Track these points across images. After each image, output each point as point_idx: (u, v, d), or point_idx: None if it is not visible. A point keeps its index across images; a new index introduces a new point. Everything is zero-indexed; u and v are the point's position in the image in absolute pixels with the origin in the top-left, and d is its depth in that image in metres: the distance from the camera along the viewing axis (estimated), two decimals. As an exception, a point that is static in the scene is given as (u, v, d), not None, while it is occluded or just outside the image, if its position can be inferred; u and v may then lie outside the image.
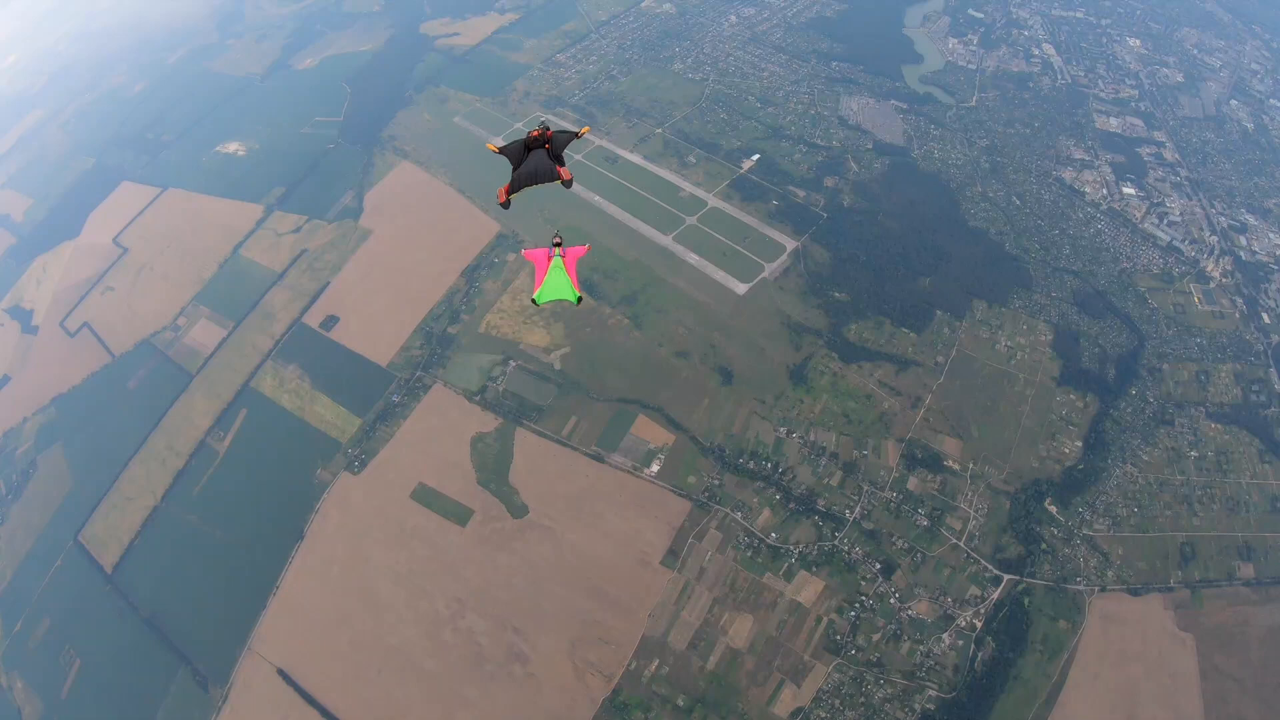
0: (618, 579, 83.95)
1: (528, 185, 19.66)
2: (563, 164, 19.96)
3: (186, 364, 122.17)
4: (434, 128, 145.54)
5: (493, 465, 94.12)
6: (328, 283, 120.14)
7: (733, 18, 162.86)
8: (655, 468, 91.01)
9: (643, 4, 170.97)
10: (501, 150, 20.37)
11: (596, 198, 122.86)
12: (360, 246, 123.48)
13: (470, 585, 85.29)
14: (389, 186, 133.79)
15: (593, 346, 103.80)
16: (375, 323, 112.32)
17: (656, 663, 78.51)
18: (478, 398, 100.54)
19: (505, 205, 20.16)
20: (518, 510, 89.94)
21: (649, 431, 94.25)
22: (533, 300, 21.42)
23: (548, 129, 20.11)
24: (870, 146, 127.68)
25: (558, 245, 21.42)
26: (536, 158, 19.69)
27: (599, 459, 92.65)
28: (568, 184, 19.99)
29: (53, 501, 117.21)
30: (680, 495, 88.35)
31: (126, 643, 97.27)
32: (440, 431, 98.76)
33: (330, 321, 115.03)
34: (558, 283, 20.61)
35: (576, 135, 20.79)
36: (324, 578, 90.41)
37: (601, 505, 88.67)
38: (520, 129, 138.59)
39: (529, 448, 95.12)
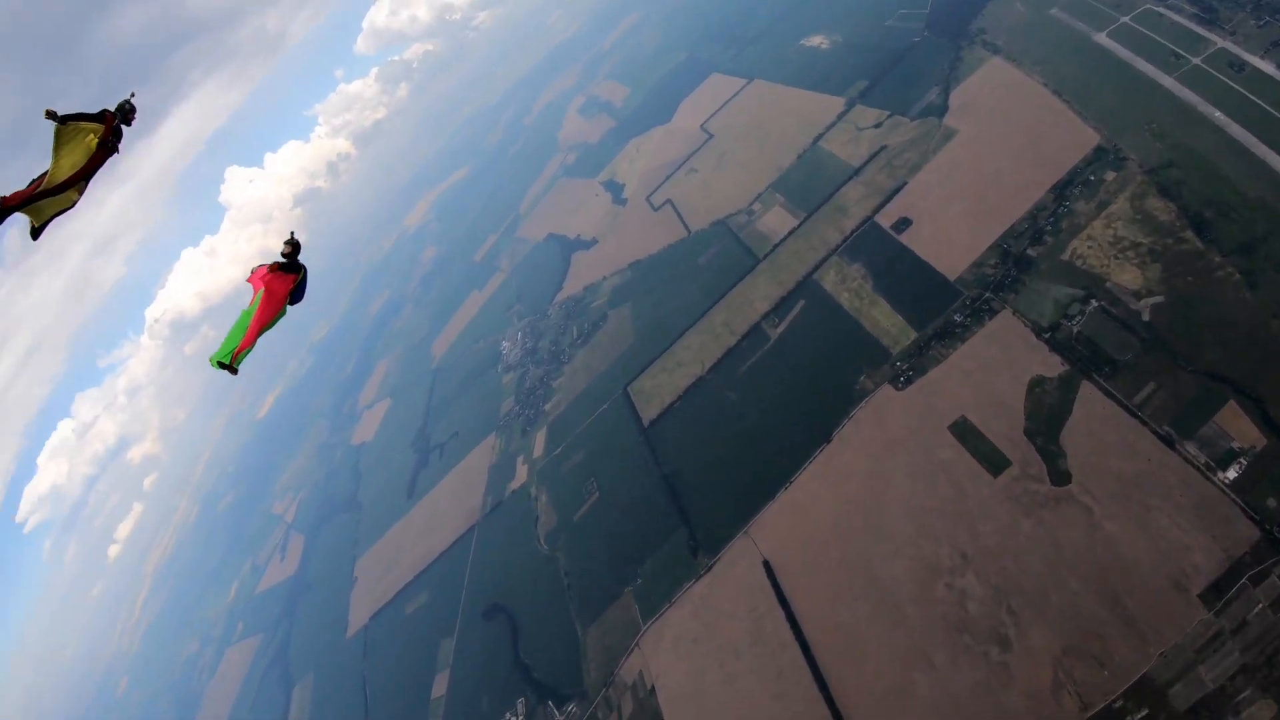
0: (1143, 595, 66.39)
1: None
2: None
3: (755, 247, 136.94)
4: (1028, 20, 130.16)
5: (1045, 417, 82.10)
6: (905, 183, 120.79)
7: None
8: (1232, 473, 69.76)
9: None
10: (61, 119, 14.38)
11: (1218, 113, 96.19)
12: (943, 148, 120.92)
13: (982, 544, 76.86)
14: (977, 85, 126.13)
15: (1192, 301, 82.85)
16: (949, 231, 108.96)
17: (1146, 713, 61.77)
18: (1047, 335, 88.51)
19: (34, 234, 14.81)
20: (1059, 476, 76.75)
21: (1236, 425, 72.10)
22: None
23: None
24: None
25: (281, 265, 15.58)
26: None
27: (1169, 442, 73.55)
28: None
29: (613, 352, 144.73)
30: (1251, 518, 66.54)
31: (641, 491, 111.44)
32: (998, 365, 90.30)
33: (903, 224, 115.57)
34: (232, 334, 14.75)
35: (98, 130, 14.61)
36: (837, 487, 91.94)
37: (1155, 500, 70.81)
38: (1127, 22, 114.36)
39: (1091, 407, 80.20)
